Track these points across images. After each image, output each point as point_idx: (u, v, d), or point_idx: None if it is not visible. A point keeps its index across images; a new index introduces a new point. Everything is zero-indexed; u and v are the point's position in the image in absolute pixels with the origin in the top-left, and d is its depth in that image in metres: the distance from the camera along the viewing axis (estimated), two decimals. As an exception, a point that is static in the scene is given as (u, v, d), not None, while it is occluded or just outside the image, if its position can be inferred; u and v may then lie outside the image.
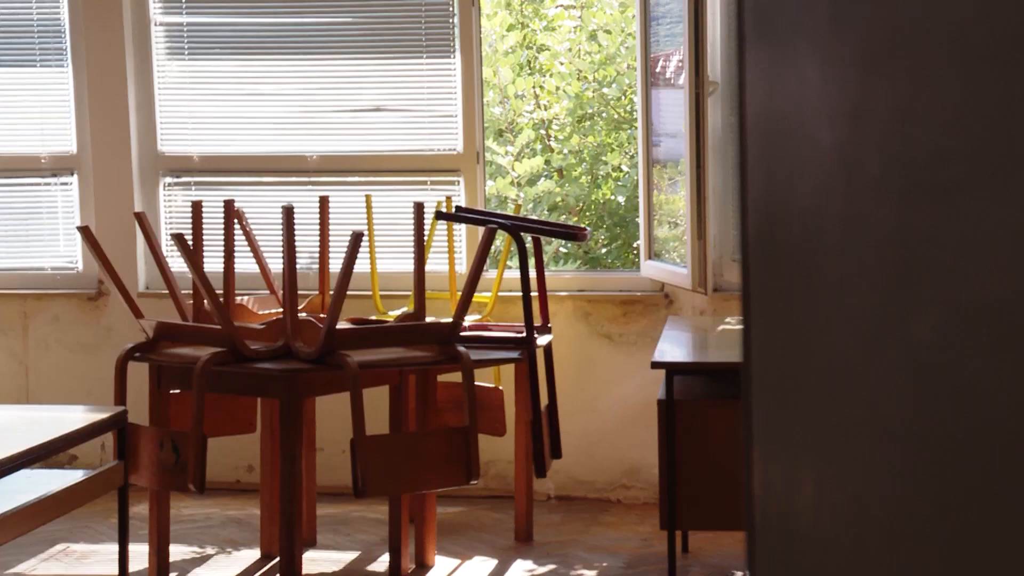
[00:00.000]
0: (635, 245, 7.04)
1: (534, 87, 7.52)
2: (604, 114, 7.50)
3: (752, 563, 1.06)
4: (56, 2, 5.50)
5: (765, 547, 1.05)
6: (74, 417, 3.91)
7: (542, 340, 4.71)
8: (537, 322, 4.71)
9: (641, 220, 5.32)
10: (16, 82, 5.58)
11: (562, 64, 7.56)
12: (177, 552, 4.56)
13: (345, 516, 5.06)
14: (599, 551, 4.69)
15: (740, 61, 1.02)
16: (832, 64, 0.96)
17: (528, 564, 4.57)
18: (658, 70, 5.19)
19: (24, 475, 3.64)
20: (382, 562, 4.57)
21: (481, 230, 4.42)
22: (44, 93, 5.57)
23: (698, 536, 4.66)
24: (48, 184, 5.62)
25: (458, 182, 5.40)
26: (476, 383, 4.32)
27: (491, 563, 4.58)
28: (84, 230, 4.36)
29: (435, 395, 4.45)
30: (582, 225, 5.76)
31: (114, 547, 4.03)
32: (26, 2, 5.53)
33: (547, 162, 7.49)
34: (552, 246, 7.17)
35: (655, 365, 4.04)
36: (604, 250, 7.37)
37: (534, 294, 4.68)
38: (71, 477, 3.76)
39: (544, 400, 4.70)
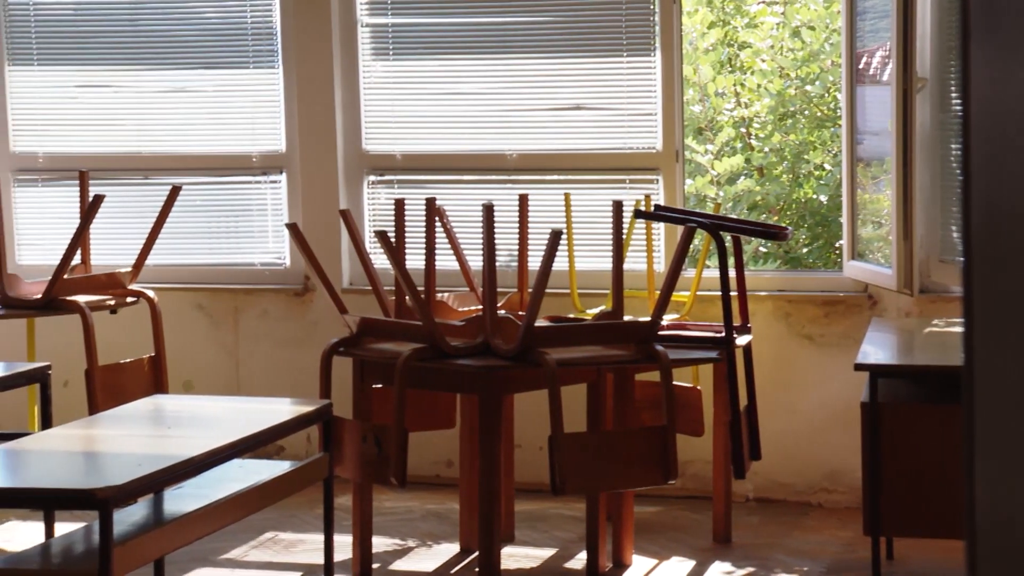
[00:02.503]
0: (837, 245, 6.91)
1: (735, 85, 7.44)
2: (806, 112, 7.38)
3: (973, 571, 1.03)
4: (269, 6, 5.67)
5: (987, 555, 1.02)
6: (282, 409, 4.02)
7: (741, 340, 4.65)
8: (736, 322, 4.66)
9: (844, 219, 5.21)
10: (230, 83, 5.77)
11: (764, 61, 7.46)
12: (379, 543, 4.65)
13: (542, 513, 5.09)
14: (800, 555, 4.62)
15: (964, 56, 0.99)
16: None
17: (726, 566, 4.52)
18: (861, 66, 5.08)
19: (236, 464, 3.76)
20: (579, 560, 4.58)
21: (680, 229, 4.39)
22: (256, 94, 5.74)
23: (903, 543, 4.54)
24: (258, 182, 5.79)
25: (657, 180, 5.38)
26: (674, 382, 4.30)
27: (689, 564, 4.55)
28: (292, 227, 4.48)
29: (633, 394, 4.44)
30: (783, 224, 5.67)
31: (319, 537, 4.13)
32: (241, 7, 5.71)
33: (747, 160, 7.41)
34: (752, 245, 7.08)
35: (858, 367, 3.96)
36: (805, 250, 7.25)
37: (733, 294, 4.63)
38: (279, 468, 3.86)
39: (743, 401, 4.65)
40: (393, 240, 4.37)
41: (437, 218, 4.59)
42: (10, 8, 5.86)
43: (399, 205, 4.57)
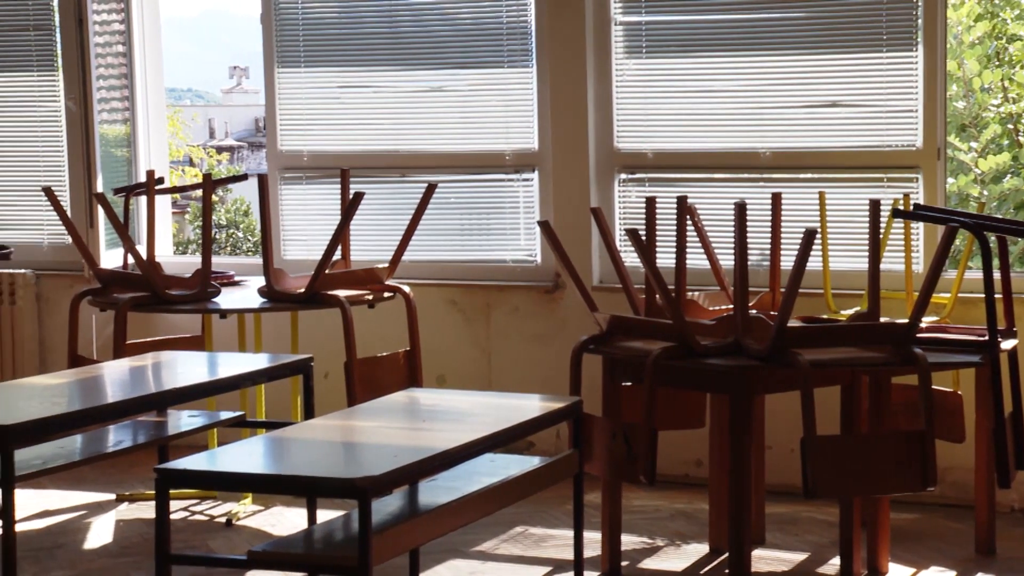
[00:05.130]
0: (1111, 245, 6.59)
1: (1002, 80, 7.17)
2: (1079, 106, 7.05)
3: None
4: (524, 5, 5.75)
5: None
6: (532, 405, 4.06)
7: (1006, 344, 4.48)
8: (1001, 325, 4.49)
9: (1120, 219, 4.96)
10: (485, 82, 5.87)
11: (1034, 54, 7.16)
12: (628, 541, 4.65)
13: (794, 516, 5.01)
14: (1068, 570, 4.42)
15: None
16: None
17: (988, 579, 4.37)
18: None
19: (487, 459, 3.82)
20: (832, 565, 4.49)
21: (940, 229, 4.25)
22: (510, 93, 5.82)
23: None
24: (511, 180, 5.87)
25: (917, 179, 5.23)
26: (933, 387, 4.16)
27: (949, 575, 4.40)
28: (544, 225, 4.52)
29: (889, 397, 4.32)
30: (1052, 224, 5.42)
31: (569, 532, 4.16)
32: (496, 7, 5.80)
33: (1015, 158, 7.12)
34: (1018, 246, 6.81)
35: None
36: (1076, 251, 6.93)
37: (997, 296, 4.45)
38: (529, 463, 3.90)
39: (1008, 407, 4.47)
40: (644, 238, 4.36)
41: (688, 216, 4.56)
42: (281, 13, 6.09)
43: (650, 203, 4.56)
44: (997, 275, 4.48)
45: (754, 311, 4.26)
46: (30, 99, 6.48)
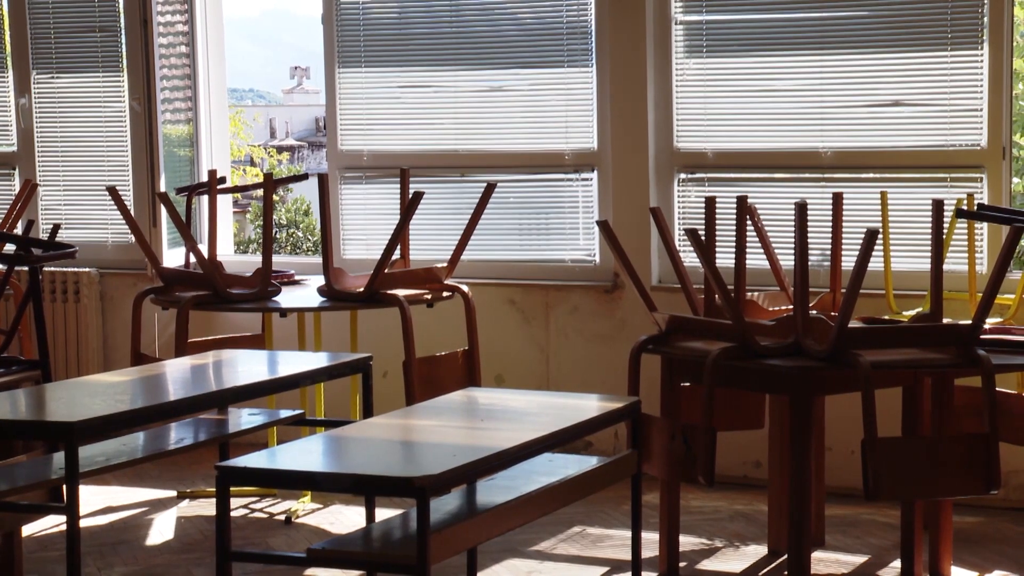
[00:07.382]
0: None
1: (1067, 77, 7.07)
2: None
3: None
4: (584, 5, 5.74)
5: None
6: (591, 405, 4.06)
7: (1072, 346, 4.41)
8: (1066, 327, 4.43)
9: None
10: (545, 82, 5.87)
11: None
12: (686, 542, 4.64)
13: (854, 518, 4.97)
14: None
15: None
16: None
17: (1053, 583, 4.31)
18: None
19: (545, 458, 3.82)
20: (893, 568, 4.45)
21: (1005, 229, 4.20)
22: (569, 92, 5.82)
23: None
24: (570, 180, 5.87)
25: (981, 179, 5.17)
26: (997, 388, 4.11)
27: (1012, 579, 4.36)
28: (603, 224, 4.51)
29: (952, 399, 4.28)
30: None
31: (626, 533, 4.16)
32: (556, 6, 5.80)
33: (1080, 156, 7.02)
34: (1083, 246, 6.71)
35: None
36: None
37: (1064, 297, 4.40)
38: (587, 463, 3.90)
39: (1073, 410, 4.41)
40: (703, 238, 4.35)
41: (748, 216, 4.54)
42: (342, 13, 6.13)
43: (710, 203, 4.54)
44: (1063, 276, 4.43)
45: (814, 312, 4.23)
46: (95, 99, 6.56)
